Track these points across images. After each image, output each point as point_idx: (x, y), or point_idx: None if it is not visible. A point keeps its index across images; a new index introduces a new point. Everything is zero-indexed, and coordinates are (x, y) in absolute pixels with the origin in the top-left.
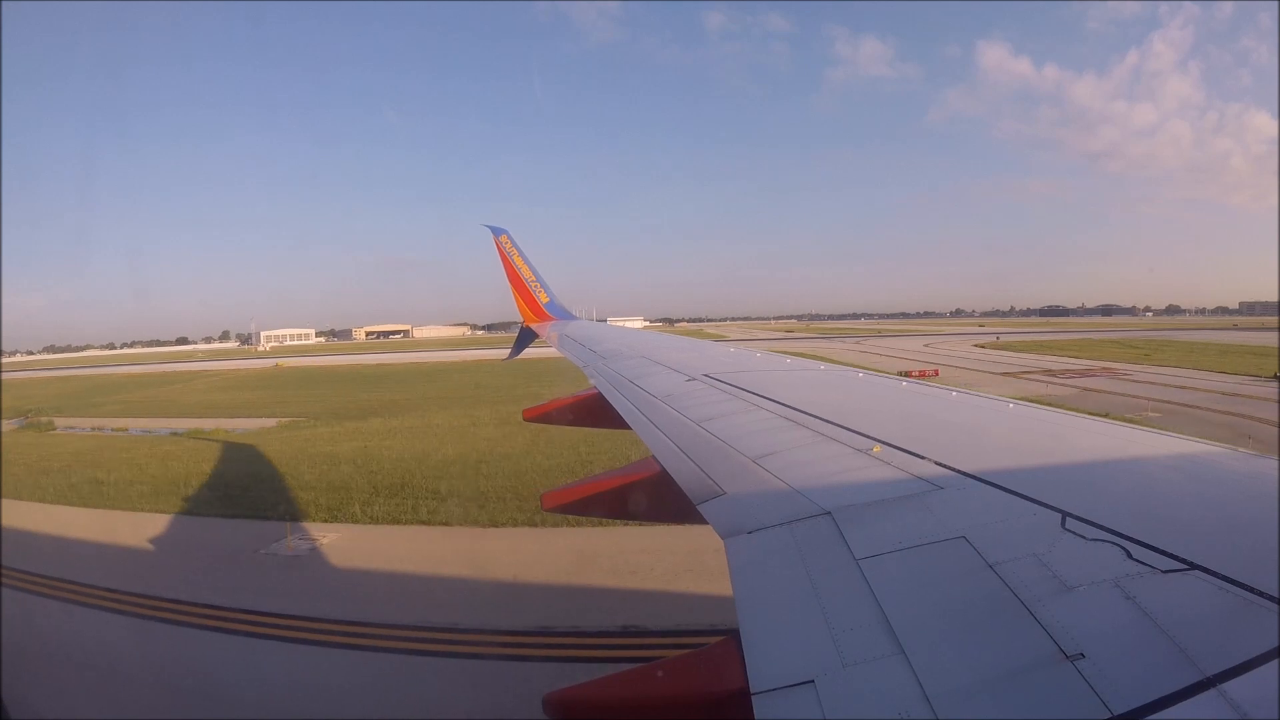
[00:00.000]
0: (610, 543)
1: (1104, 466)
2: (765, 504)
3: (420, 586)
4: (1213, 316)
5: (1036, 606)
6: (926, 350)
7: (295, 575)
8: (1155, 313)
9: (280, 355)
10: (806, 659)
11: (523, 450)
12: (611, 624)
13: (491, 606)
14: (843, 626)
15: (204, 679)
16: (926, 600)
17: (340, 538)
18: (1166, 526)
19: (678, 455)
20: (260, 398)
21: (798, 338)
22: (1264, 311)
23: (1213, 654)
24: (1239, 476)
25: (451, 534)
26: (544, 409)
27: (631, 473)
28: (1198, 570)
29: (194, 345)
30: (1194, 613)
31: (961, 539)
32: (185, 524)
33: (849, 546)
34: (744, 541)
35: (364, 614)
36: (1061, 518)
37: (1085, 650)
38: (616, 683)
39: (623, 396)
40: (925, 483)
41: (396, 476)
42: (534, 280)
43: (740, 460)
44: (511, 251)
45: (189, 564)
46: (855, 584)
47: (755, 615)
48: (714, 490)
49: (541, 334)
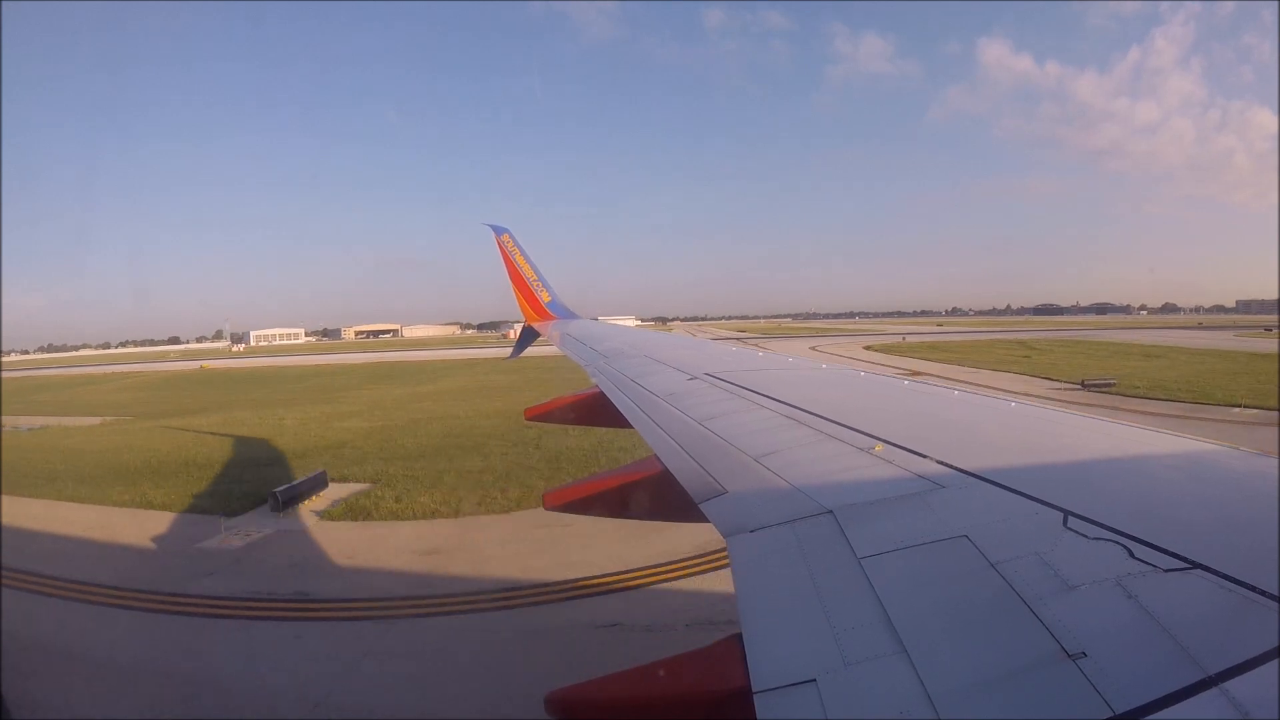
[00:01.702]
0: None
1: (1106, 465)
2: (767, 502)
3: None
4: (1208, 315)
5: (1038, 605)
6: (809, 352)
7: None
8: (1151, 311)
9: (257, 355)
10: (808, 658)
11: (243, 454)
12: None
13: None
14: (845, 625)
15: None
16: (929, 599)
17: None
18: (1168, 525)
19: (680, 454)
20: (139, 398)
21: (735, 337)
22: (1260, 310)
23: (1215, 653)
24: (1241, 475)
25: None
26: (546, 407)
27: (633, 471)
28: (1200, 569)
29: (186, 345)
30: (1196, 612)
31: (964, 538)
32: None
33: (851, 545)
34: (746, 540)
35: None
36: (1063, 517)
37: (1087, 649)
38: (618, 682)
39: (624, 395)
40: (927, 481)
41: (95, 464)
42: (535, 279)
43: (742, 459)
44: (513, 250)
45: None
46: (857, 583)
47: (757, 614)
48: (716, 489)
49: (543, 333)
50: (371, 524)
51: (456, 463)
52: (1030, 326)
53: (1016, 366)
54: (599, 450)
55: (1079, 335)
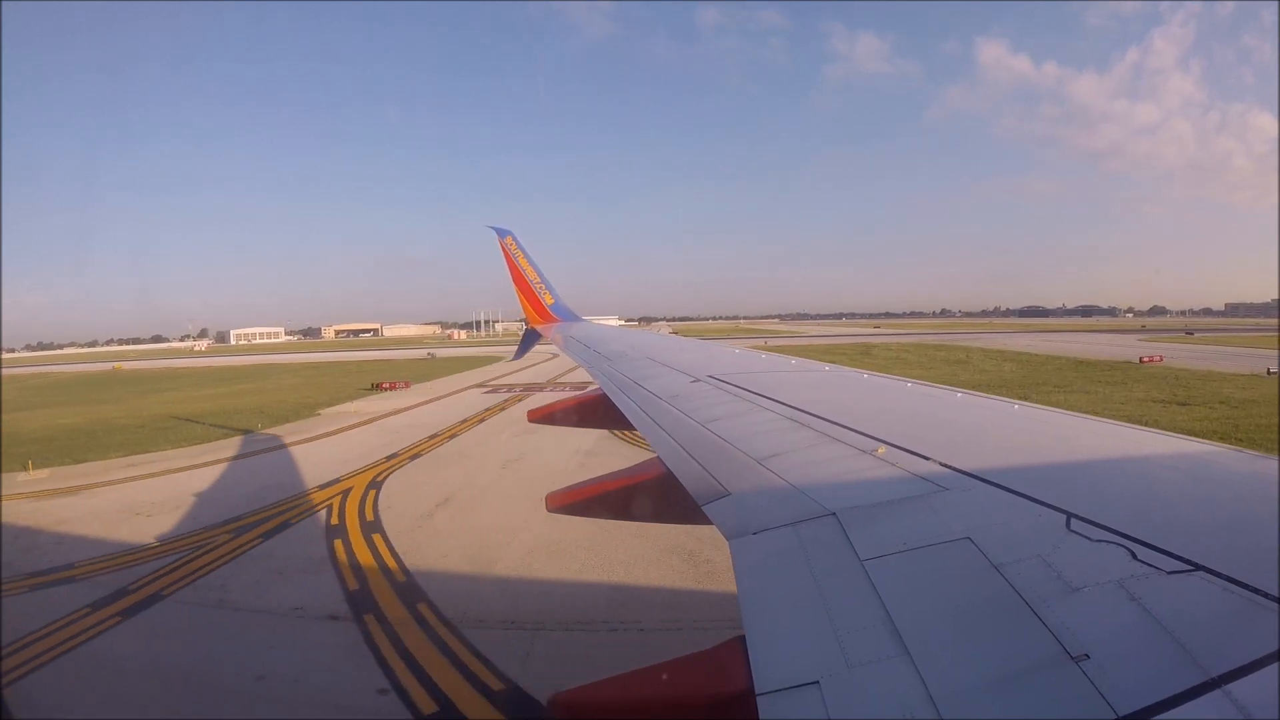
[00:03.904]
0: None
1: (1108, 467)
2: (770, 505)
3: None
4: (1195, 318)
5: (1041, 607)
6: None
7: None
8: (1138, 314)
9: (220, 354)
10: (811, 660)
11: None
12: None
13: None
14: (848, 627)
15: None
16: (931, 601)
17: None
18: (1171, 527)
19: (682, 456)
20: (17, 398)
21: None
22: (1248, 313)
23: (1217, 655)
24: (1244, 477)
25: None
26: (548, 409)
27: (636, 474)
28: (1202, 571)
29: (167, 344)
30: (1199, 614)
31: (966, 540)
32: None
33: (854, 547)
34: (749, 542)
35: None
36: (1066, 518)
37: (1090, 651)
38: (622, 683)
39: (627, 398)
40: (930, 483)
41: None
42: (538, 281)
43: (745, 461)
44: (516, 253)
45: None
46: (860, 585)
47: (760, 616)
48: (719, 491)
49: (546, 335)
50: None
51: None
52: (975, 329)
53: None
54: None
55: (980, 339)
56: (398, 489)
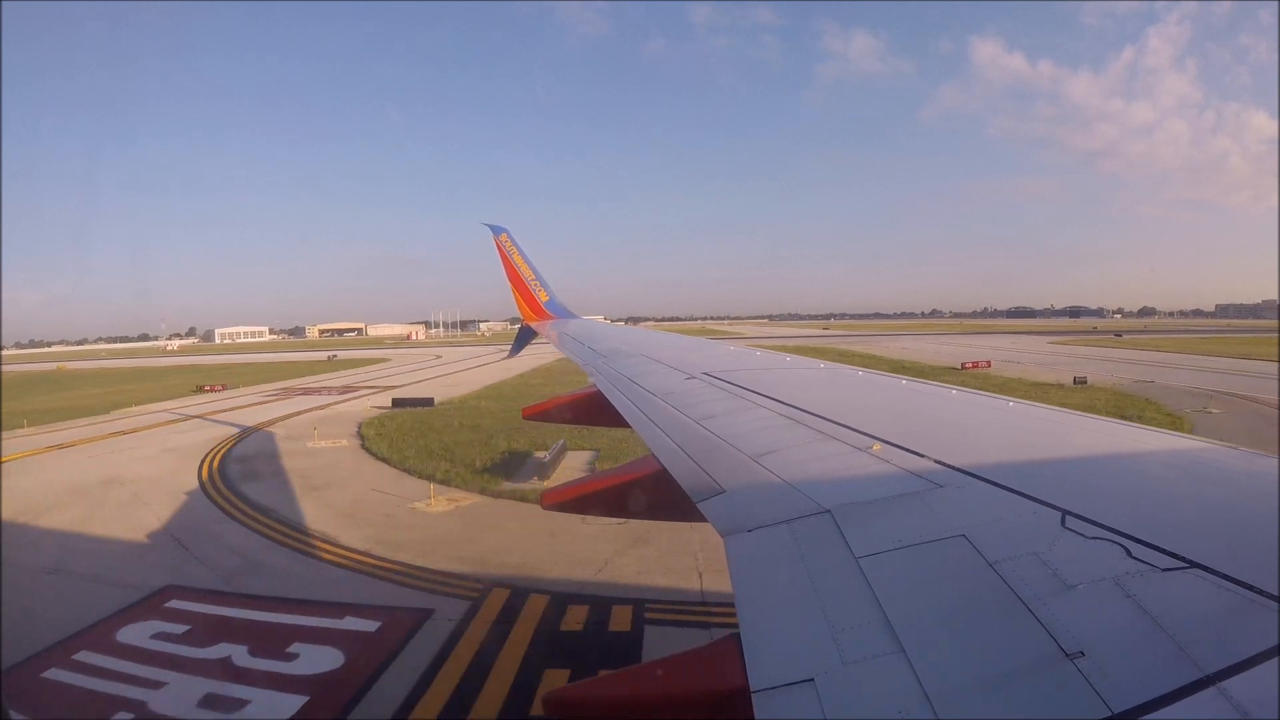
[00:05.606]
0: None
1: (1104, 464)
2: (765, 502)
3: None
4: (1183, 319)
5: (1036, 605)
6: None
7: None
8: (1127, 315)
9: (191, 353)
10: (806, 657)
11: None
12: None
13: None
14: (843, 625)
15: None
16: (926, 598)
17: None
18: (1166, 525)
19: (677, 453)
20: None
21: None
22: (1238, 314)
23: (1213, 652)
24: (1239, 475)
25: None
26: (544, 406)
27: (631, 471)
28: (1198, 568)
29: (153, 342)
30: (1194, 611)
31: (961, 537)
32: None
33: (849, 544)
34: (744, 539)
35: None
36: (1061, 516)
37: (1085, 648)
38: (616, 681)
39: (622, 395)
40: (925, 481)
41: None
42: (533, 279)
43: (740, 458)
44: (511, 250)
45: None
46: (855, 582)
47: (755, 613)
48: (714, 488)
49: (541, 332)
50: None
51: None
52: (888, 331)
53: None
54: None
55: (874, 342)
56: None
